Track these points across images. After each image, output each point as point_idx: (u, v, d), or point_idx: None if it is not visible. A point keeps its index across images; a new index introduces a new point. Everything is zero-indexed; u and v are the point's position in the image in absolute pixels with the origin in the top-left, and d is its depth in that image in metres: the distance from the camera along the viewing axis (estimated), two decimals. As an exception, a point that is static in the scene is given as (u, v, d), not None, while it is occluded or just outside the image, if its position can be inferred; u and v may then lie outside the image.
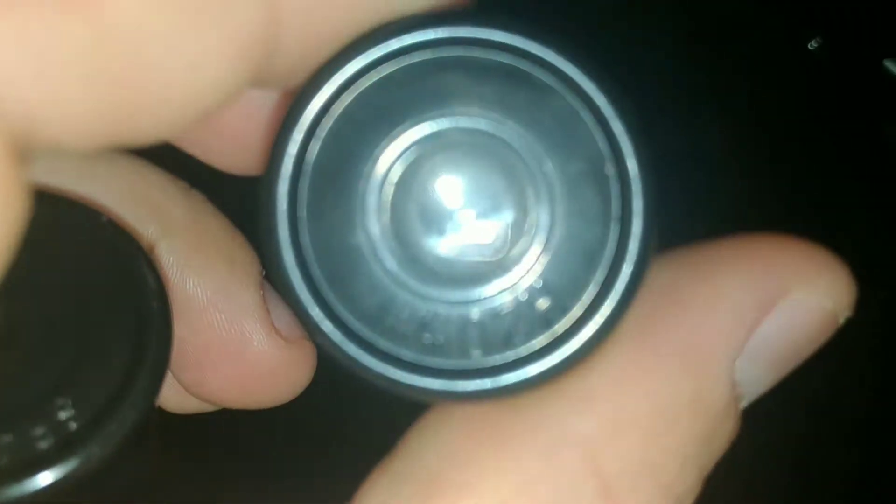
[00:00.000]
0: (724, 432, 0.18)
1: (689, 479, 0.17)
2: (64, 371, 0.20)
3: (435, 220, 0.17)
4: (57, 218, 0.21)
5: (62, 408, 0.19)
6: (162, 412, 0.26)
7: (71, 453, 0.19)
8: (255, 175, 0.21)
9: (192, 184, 0.25)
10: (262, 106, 0.20)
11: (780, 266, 0.18)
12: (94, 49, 0.14)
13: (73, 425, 0.19)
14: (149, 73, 0.15)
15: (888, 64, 0.66)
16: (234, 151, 0.21)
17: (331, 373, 0.27)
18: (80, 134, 0.15)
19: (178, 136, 0.18)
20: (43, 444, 0.19)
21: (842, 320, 0.19)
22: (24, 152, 0.14)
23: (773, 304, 0.18)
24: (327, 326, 0.17)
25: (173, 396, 0.26)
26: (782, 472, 0.58)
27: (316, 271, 0.17)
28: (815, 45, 0.67)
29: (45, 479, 0.18)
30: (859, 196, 0.68)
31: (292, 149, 0.17)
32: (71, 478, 0.18)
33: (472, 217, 0.17)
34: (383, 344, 0.17)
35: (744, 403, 0.18)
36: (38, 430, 0.19)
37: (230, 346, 0.25)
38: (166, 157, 0.25)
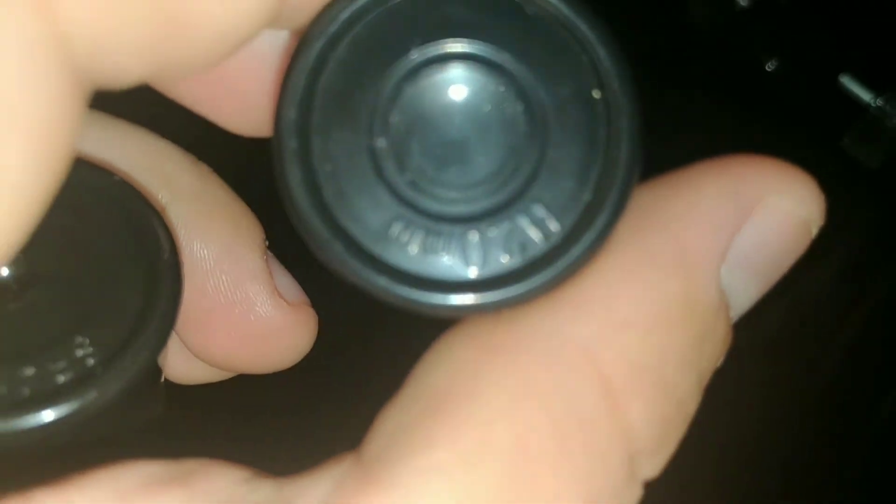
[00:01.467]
0: (716, 337, 0.18)
1: (688, 382, 0.18)
2: (83, 313, 0.20)
3: (437, 142, 0.18)
4: (74, 174, 0.21)
5: (81, 346, 0.20)
6: (170, 384, 0.26)
7: (88, 387, 0.19)
8: (262, 136, 0.21)
9: (201, 158, 0.26)
10: (271, 59, 0.20)
11: (753, 177, 0.18)
12: None
13: (91, 361, 0.19)
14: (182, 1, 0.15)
15: (843, 80, 0.68)
16: (243, 107, 0.21)
17: (333, 336, 0.28)
18: (134, 62, 0.16)
19: (204, 73, 0.18)
20: (62, 378, 0.19)
21: (814, 230, 0.19)
22: (82, 101, 0.15)
23: (750, 211, 0.18)
24: (334, 244, 0.17)
25: (181, 364, 0.26)
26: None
27: (324, 191, 0.17)
28: (773, 67, 0.69)
29: (63, 409, 0.19)
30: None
31: (302, 74, 0.17)
32: (88, 410, 0.19)
33: (471, 139, 0.18)
34: (388, 258, 0.17)
35: (733, 313, 0.19)
36: (59, 365, 0.19)
37: (234, 308, 0.25)
38: (179, 135, 0.26)
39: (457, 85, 0.18)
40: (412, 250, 0.18)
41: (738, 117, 0.70)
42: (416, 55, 0.18)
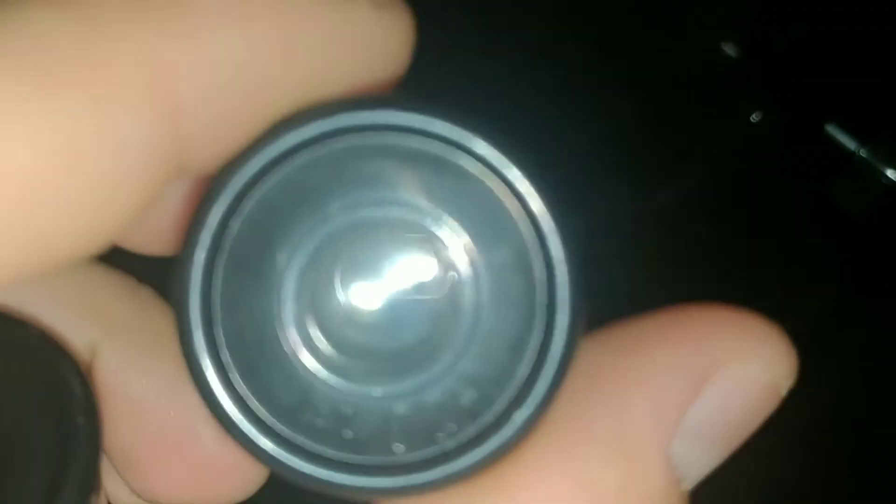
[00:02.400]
0: None
1: None
2: None
3: (356, 312, 0.16)
4: None
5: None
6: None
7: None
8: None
9: (141, 277, 0.23)
10: (179, 191, 0.18)
11: (710, 339, 0.16)
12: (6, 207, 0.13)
13: None
14: (51, 206, 0.14)
15: (830, 129, 0.67)
16: (153, 238, 0.19)
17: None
18: (10, 273, 0.14)
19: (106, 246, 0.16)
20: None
21: (784, 391, 0.17)
22: None
23: (706, 381, 0.16)
24: (242, 423, 0.16)
25: (127, 499, 0.24)
26: None
27: (230, 367, 0.16)
28: (757, 119, 0.68)
29: None
30: (816, 253, 0.68)
31: (206, 235, 0.16)
32: None
33: (395, 308, 0.16)
34: (302, 440, 0.16)
35: (687, 485, 0.17)
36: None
37: (180, 446, 0.23)
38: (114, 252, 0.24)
39: (380, 250, 0.16)
40: (330, 431, 0.16)
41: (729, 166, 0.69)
42: (335, 218, 0.16)
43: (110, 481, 0.24)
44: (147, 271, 0.24)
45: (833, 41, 0.66)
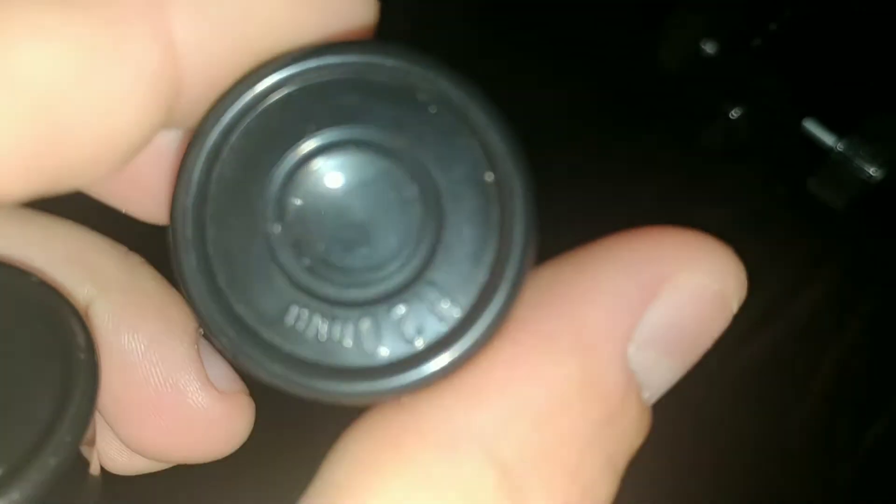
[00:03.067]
0: (626, 419, 0.17)
1: (594, 466, 0.17)
2: None
3: (333, 227, 0.17)
4: None
5: (-18, 459, 0.18)
6: (110, 477, 0.25)
7: (-11, 503, 0.18)
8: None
9: (135, 246, 0.25)
10: (169, 152, 0.20)
11: (661, 253, 0.17)
12: (7, 99, 0.14)
13: None
14: (63, 120, 0.15)
15: (807, 124, 0.67)
16: (150, 199, 0.21)
17: (271, 420, 0.26)
18: (8, 185, 0.15)
19: (103, 180, 0.18)
20: (-38, 493, 0.18)
21: (735, 305, 0.18)
22: None
23: (657, 289, 0.17)
24: (228, 329, 0.17)
25: (118, 456, 0.25)
26: None
27: (219, 277, 0.17)
28: (736, 115, 0.69)
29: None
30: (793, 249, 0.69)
31: (197, 163, 0.17)
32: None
33: (365, 224, 0.17)
34: (283, 345, 0.17)
35: (649, 394, 0.18)
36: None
37: (166, 399, 0.24)
38: (109, 224, 0.25)
39: (351, 170, 0.17)
40: (309, 336, 0.17)
41: (706, 162, 0.70)
42: (310, 142, 0.17)
43: (102, 440, 0.25)
44: (136, 245, 0.25)
45: (811, 36, 0.67)
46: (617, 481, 0.17)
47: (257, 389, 0.26)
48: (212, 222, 0.17)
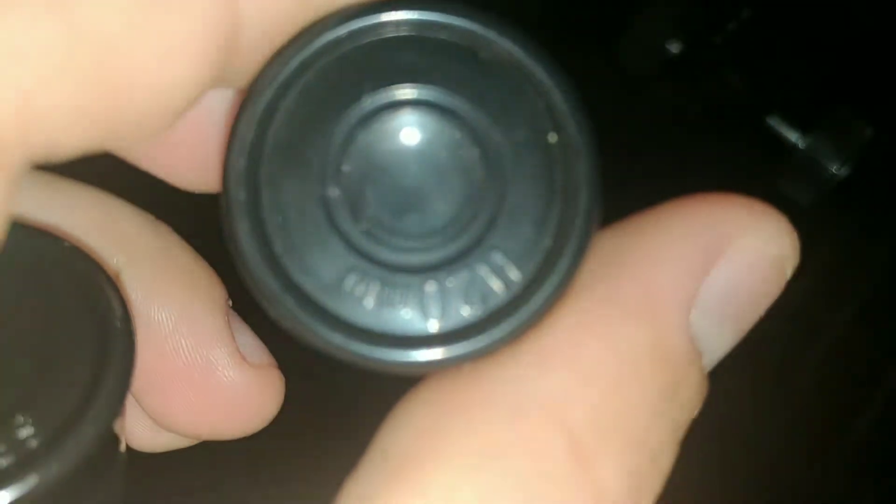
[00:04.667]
0: (689, 386, 0.16)
1: (661, 434, 0.16)
2: (25, 390, 0.18)
3: (390, 191, 0.16)
4: (20, 243, 0.19)
5: (22, 426, 0.17)
6: (134, 453, 0.24)
7: (30, 471, 0.16)
8: (214, 192, 0.19)
9: (162, 215, 0.23)
10: (218, 114, 0.19)
11: (721, 217, 0.17)
12: (71, 48, 0.14)
13: (34, 443, 0.17)
14: (123, 70, 0.14)
15: (771, 121, 0.67)
16: (192, 165, 0.19)
17: (301, 395, 0.25)
18: (68, 136, 0.14)
19: (149, 140, 0.17)
20: (2, 462, 0.16)
21: (789, 270, 0.17)
22: (13, 176, 0.14)
23: (719, 253, 0.16)
24: (286, 298, 0.15)
25: (143, 432, 0.24)
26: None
27: (274, 243, 0.16)
28: (700, 113, 0.69)
29: (3, 497, 0.16)
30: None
31: (251, 123, 0.16)
32: (31, 496, 0.16)
33: (427, 186, 0.16)
34: (342, 313, 0.16)
35: (707, 360, 0.17)
36: (-1, 449, 0.16)
37: (196, 372, 0.22)
38: (139, 193, 0.23)
39: (411, 131, 0.16)
40: (368, 304, 0.16)
41: (678, 166, 0.70)
42: (368, 102, 0.16)
43: (129, 417, 0.24)
44: (164, 216, 0.24)
45: (771, 34, 0.67)
46: (678, 450, 0.16)
47: (285, 364, 0.24)
48: (266, 186, 0.16)
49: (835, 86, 0.67)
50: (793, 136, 0.69)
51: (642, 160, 0.68)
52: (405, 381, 0.17)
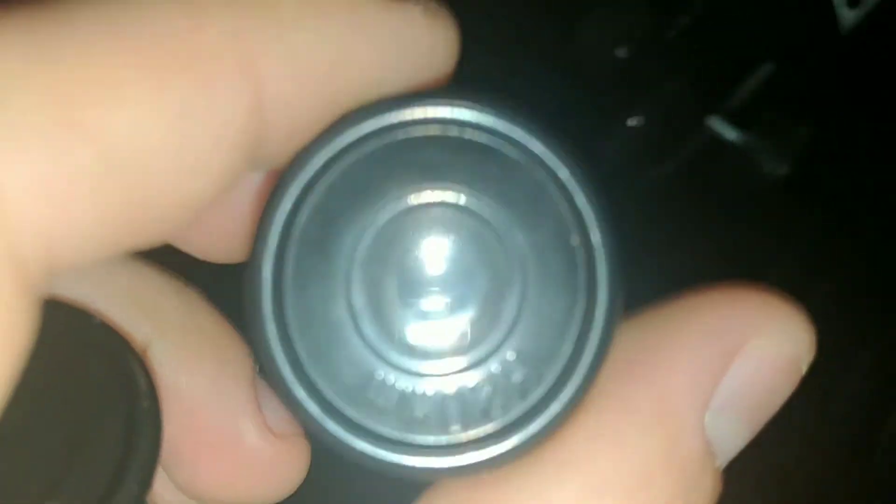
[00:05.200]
0: (703, 489, 0.16)
1: None
2: (55, 473, 0.17)
3: (413, 294, 0.16)
4: (49, 321, 0.17)
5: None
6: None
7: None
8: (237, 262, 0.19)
9: (188, 278, 0.22)
10: (247, 192, 0.18)
11: (737, 317, 0.17)
12: (97, 166, 0.13)
13: None
14: (151, 186, 0.14)
15: (710, 122, 0.68)
16: (223, 241, 0.19)
17: (324, 468, 0.24)
18: (93, 249, 0.14)
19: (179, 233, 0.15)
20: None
21: (805, 367, 0.17)
22: (37, 280, 0.13)
23: (735, 355, 0.16)
24: (310, 404, 0.15)
25: (171, 498, 0.23)
26: None
27: (298, 346, 0.15)
28: (635, 123, 0.69)
29: None
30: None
31: (278, 223, 0.15)
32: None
33: (450, 289, 0.16)
34: (364, 420, 0.15)
35: (720, 461, 0.17)
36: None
37: (223, 443, 0.22)
38: (162, 253, 0.22)
39: (435, 235, 0.16)
40: (389, 411, 0.16)
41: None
42: (393, 203, 0.16)
43: (156, 481, 0.22)
44: (193, 276, 0.22)
45: (709, 36, 0.68)
46: None
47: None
48: (291, 290, 0.15)
49: (773, 87, 0.69)
50: (732, 135, 0.70)
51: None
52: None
